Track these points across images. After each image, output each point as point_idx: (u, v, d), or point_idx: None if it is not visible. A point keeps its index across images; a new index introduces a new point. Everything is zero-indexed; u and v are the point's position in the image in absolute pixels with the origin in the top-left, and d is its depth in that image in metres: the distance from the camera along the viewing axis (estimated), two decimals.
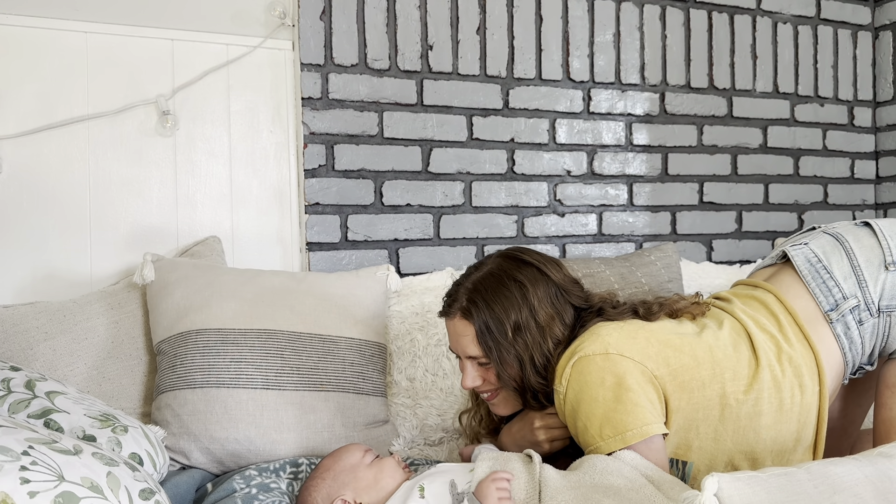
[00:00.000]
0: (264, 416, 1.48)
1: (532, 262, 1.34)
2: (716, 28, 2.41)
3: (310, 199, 1.92)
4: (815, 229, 1.49)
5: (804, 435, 1.29)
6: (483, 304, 1.29)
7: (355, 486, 1.20)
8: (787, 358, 1.29)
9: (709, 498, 0.85)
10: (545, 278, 1.32)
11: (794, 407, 1.27)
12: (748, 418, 1.25)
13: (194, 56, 1.84)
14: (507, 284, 1.30)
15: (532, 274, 1.32)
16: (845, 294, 1.34)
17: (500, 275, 1.32)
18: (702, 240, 2.41)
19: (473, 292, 1.31)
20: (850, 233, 1.41)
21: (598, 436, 1.19)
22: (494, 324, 1.28)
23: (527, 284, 1.30)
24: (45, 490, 0.87)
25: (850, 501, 0.89)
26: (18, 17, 1.69)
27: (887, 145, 2.65)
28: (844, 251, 1.38)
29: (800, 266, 1.38)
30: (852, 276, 1.35)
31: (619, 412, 1.18)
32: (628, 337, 1.24)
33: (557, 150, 2.20)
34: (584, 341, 1.25)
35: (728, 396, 1.25)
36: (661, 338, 1.26)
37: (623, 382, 1.19)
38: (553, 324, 1.29)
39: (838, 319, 1.33)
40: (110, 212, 1.77)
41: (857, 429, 1.56)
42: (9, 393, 1.21)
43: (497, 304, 1.28)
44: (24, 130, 1.69)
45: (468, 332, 1.30)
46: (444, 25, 2.06)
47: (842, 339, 1.33)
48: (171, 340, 1.53)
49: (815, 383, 1.29)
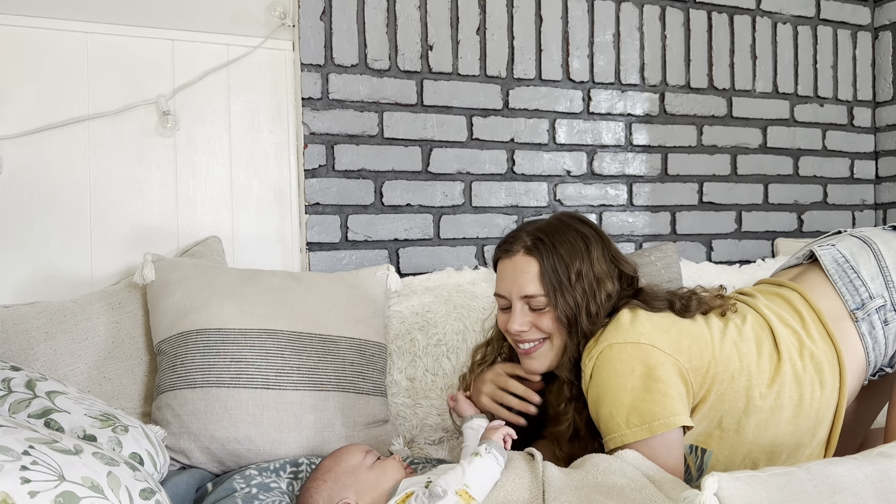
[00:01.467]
0: (264, 415, 1.48)
1: (590, 224, 1.40)
2: (715, 28, 2.41)
3: (310, 199, 1.92)
4: (840, 233, 1.50)
5: (820, 431, 1.30)
6: (549, 243, 1.32)
7: (357, 487, 1.19)
8: (809, 353, 1.30)
9: (709, 497, 0.85)
10: (600, 240, 1.36)
11: (814, 402, 1.28)
12: (770, 412, 1.26)
13: (194, 56, 1.84)
14: (570, 234, 1.34)
15: (591, 232, 1.37)
16: (872, 293, 1.35)
17: (564, 225, 1.37)
18: (701, 240, 2.41)
19: (539, 232, 1.35)
20: (878, 236, 1.43)
21: (624, 424, 1.19)
22: (560, 264, 1.30)
23: (589, 237, 1.35)
24: (46, 490, 0.87)
25: (850, 501, 0.89)
26: (18, 17, 1.69)
27: (887, 145, 2.65)
28: (872, 252, 1.39)
29: (827, 265, 1.40)
30: (879, 277, 1.37)
31: (648, 402, 1.18)
32: (661, 329, 1.25)
33: (557, 150, 2.20)
34: (616, 328, 1.26)
35: (753, 389, 1.26)
36: (692, 332, 1.27)
37: (653, 373, 1.20)
38: (606, 280, 1.32)
39: (864, 318, 1.35)
40: (111, 212, 1.77)
41: (865, 430, 1.57)
42: (9, 393, 1.21)
43: (562, 248, 1.32)
44: (25, 130, 1.69)
45: (531, 269, 1.31)
46: (444, 25, 2.06)
47: (866, 339, 1.35)
48: (171, 340, 1.53)
49: (836, 380, 1.30)
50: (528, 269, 1.31)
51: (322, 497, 1.20)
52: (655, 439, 1.18)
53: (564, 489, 1.07)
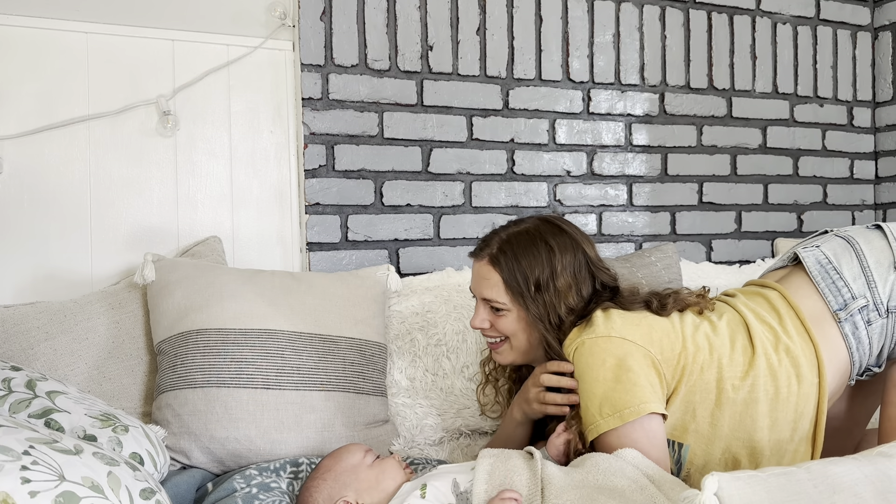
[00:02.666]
0: (264, 415, 1.48)
1: (568, 232, 1.40)
2: (715, 28, 2.41)
3: (310, 199, 1.92)
4: (827, 233, 1.51)
5: (801, 426, 1.31)
6: (511, 255, 1.36)
7: (357, 486, 1.20)
8: (785, 348, 1.32)
9: (709, 497, 0.85)
10: (575, 250, 1.38)
11: (791, 396, 1.29)
12: (744, 404, 1.28)
13: (195, 56, 1.84)
14: (537, 245, 1.37)
15: (564, 241, 1.38)
16: (854, 294, 1.36)
17: (534, 234, 1.39)
18: (701, 240, 2.41)
19: (505, 243, 1.39)
20: (861, 235, 1.44)
21: (597, 414, 1.23)
22: (520, 276, 1.35)
23: (555, 249, 1.36)
24: (46, 490, 0.87)
25: (850, 501, 0.89)
26: (18, 17, 1.69)
27: (886, 145, 2.65)
28: (855, 253, 1.40)
29: (810, 267, 1.41)
30: (862, 277, 1.37)
31: (618, 391, 1.22)
32: (632, 323, 1.29)
33: (557, 150, 2.20)
34: (589, 326, 1.30)
35: (725, 381, 1.29)
36: (663, 325, 1.31)
37: (623, 363, 1.24)
38: (569, 292, 1.35)
39: (847, 319, 1.35)
40: (111, 212, 1.77)
41: (861, 430, 1.57)
42: (9, 393, 1.21)
43: (524, 260, 1.36)
44: (25, 130, 1.69)
45: (492, 278, 1.37)
46: (444, 26, 2.06)
47: (849, 339, 1.35)
48: (171, 340, 1.53)
49: (815, 375, 1.31)
50: (489, 277, 1.38)
51: (322, 496, 1.20)
52: (632, 428, 1.21)
53: (565, 488, 1.07)
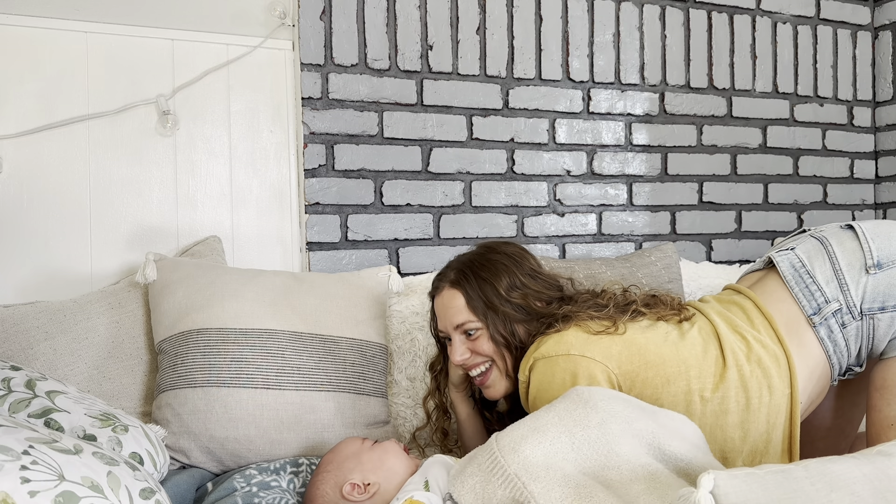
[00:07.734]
0: (264, 415, 1.48)
1: (514, 245, 1.50)
2: (715, 28, 2.41)
3: (310, 198, 1.92)
4: (804, 232, 1.50)
5: (774, 436, 1.29)
6: (471, 272, 1.42)
7: (361, 468, 1.22)
8: (757, 359, 1.30)
9: (704, 495, 0.85)
10: (525, 260, 1.46)
11: (762, 407, 1.28)
12: (714, 416, 1.27)
13: (194, 56, 1.84)
14: (492, 258, 1.45)
15: (516, 251, 1.47)
16: (827, 298, 1.34)
17: (485, 251, 1.47)
18: (701, 239, 2.41)
19: (461, 266, 1.45)
20: (835, 236, 1.41)
21: None
22: (485, 286, 1.39)
23: (513, 257, 1.45)
24: (46, 489, 0.87)
25: (848, 499, 0.89)
26: (18, 17, 1.69)
27: (886, 145, 2.65)
28: (827, 255, 1.38)
29: (784, 272, 1.40)
30: (834, 280, 1.35)
31: None
32: (590, 340, 1.29)
33: (557, 149, 2.20)
34: (547, 342, 1.31)
35: (693, 393, 1.27)
36: (625, 338, 1.30)
37: (579, 382, 1.25)
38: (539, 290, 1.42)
39: (821, 323, 1.34)
40: (111, 211, 1.77)
41: (854, 428, 1.56)
42: (9, 392, 1.21)
43: (484, 271, 1.41)
44: (25, 130, 1.69)
45: (457, 301, 1.41)
46: (444, 25, 2.06)
47: (826, 343, 1.34)
48: (172, 340, 1.54)
49: (786, 386, 1.29)
50: (454, 302, 1.42)
51: (328, 486, 1.21)
52: None
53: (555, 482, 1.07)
